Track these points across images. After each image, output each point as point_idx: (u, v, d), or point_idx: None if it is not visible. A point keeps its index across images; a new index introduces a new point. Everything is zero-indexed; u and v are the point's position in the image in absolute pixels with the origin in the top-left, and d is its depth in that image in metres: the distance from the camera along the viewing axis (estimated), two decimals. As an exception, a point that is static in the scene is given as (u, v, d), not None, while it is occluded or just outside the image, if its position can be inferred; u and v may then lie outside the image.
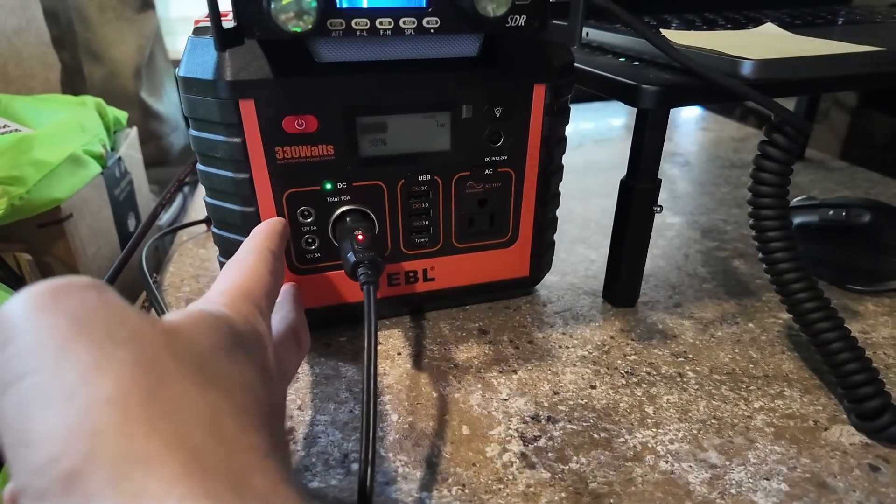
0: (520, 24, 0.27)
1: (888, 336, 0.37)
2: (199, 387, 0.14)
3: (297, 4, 0.23)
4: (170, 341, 0.15)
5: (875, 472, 0.27)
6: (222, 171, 0.31)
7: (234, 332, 0.18)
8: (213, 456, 0.13)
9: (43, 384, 0.13)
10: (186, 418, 0.13)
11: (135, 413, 0.13)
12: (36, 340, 0.14)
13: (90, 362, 0.13)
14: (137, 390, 0.13)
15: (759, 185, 0.31)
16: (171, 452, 0.12)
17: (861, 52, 0.31)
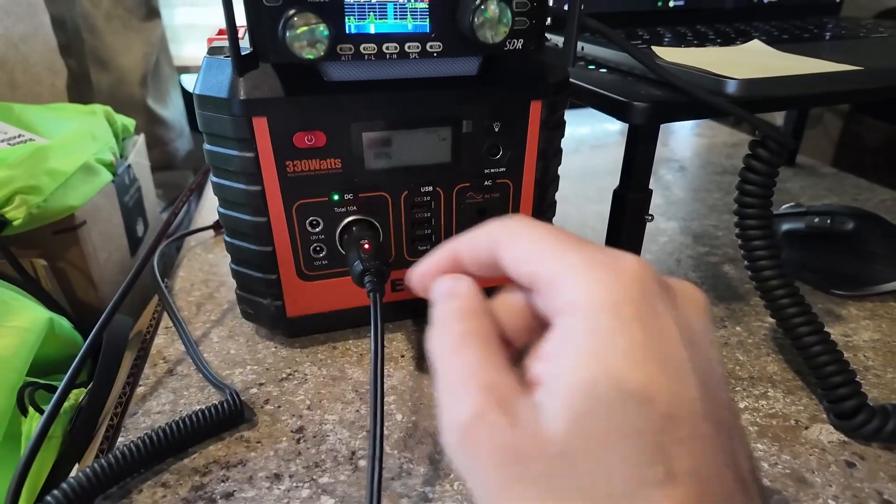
0: (517, 48, 0.29)
1: (869, 339, 0.39)
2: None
3: (311, 34, 0.25)
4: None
5: (851, 468, 0.29)
6: (235, 184, 0.32)
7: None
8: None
9: None
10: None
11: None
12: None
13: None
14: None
15: (744, 195, 0.33)
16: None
17: (840, 72, 0.33)
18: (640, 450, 0.13)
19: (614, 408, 0.14)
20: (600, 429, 0.14)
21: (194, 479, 0.28)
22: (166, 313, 0.41)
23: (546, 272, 0.16)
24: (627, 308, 0.15)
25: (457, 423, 0.15)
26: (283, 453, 0.30)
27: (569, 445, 0.14)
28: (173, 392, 0.34)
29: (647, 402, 0.14)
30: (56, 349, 0.39)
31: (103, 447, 0.31)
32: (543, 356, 0.16)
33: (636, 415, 0.14)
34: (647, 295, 0.15)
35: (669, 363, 0.14)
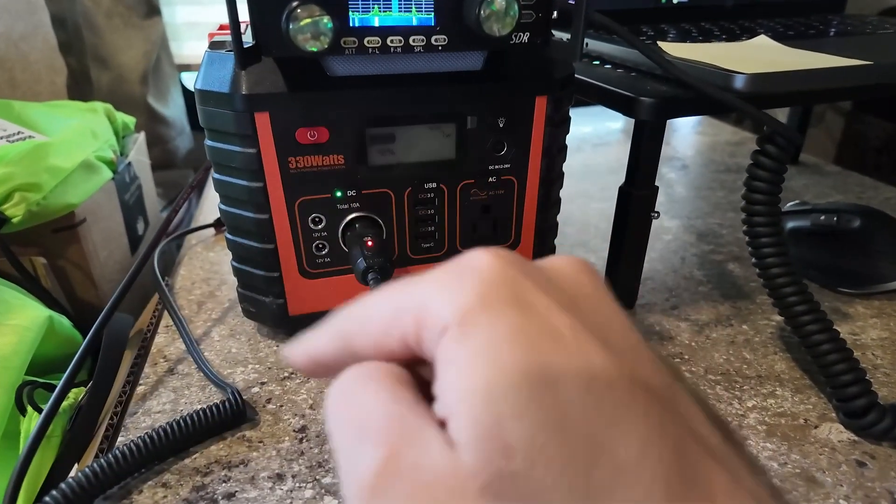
0: (523, 42, 0.28)
1: (877, 337, 0.38)
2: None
3: (314, 26, 0.24)
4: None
5: (861, 468, 0.28)
6: (237, 180, 0.32)
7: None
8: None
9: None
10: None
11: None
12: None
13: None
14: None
15: (751, 192, 0.33)
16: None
17: (849, 66, 0.33)
18: (571, 449, 0.11)
19: (523, 407, 0.11)
20: (518, 438, 0.11)
21: (195, 480, 0.28)
22: (167, 312, 0.40)
23: (409, 321, 0.13)
24: (492, 296, 0.13)
25: (363, 475, 0.12)
26: (286, 453, 0.29)
27: (491, 472, 0.11)
28: (174, 391, 0.33)
29: (555, 385, 0.11)
30: (55, 348, 0.39)
31: (103, 446, 0.30)
32: (437, 394, 0.13)
33: (550, 406, 0.11)
34: (507, 277, 0.13)
35: (559, 335, 0.12)
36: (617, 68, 0.40)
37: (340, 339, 0.15)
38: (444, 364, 0.12)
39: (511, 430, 0.11)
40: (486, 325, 0.12)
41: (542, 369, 0.11)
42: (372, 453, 0.12)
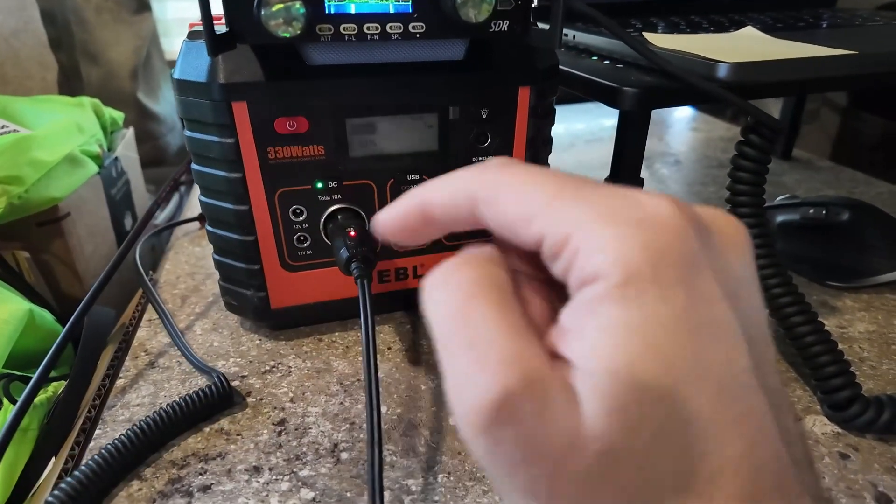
0: (503, 29, 0.28)
1: (864, 331, 0.38)
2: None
3: (287, 11, 0.24)
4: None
5: (844, 460, 0.28)
6: (216, 171, 0.32)
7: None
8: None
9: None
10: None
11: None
12: None
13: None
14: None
15: (736, 183, 0.32)
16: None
17: (833, 56, 0.33)
18: (690, 441, 0.12)
19: (664, 394, 0.12)
20: (649, 424, 0.12)
21: (171, 472, 0.27)
22: (150, 306, 0.40)
23: (557, 235, 0.13)
24: (669, 270, 0.12)
25: (477, 408, 0.12)
26: (264, 446, 0.29)
27: (612, 443, 0.12)
28: (154, 384, 0.33)
29: (699, 381, 0.12)
30: (36, 341, 0.38)
31: (79, 439, 0.30)
32: (565, 327, 0.13)
33: (688, 398, 0.12)
34: (689, 248, 0.12)
35: (719, 331, 0.12)
36: (604, 60, 0.40)
37: (469, 200, 0.15)
38: (591, 312, 0.12)
39: (647, 415, 0.11)
40: (653, 303, 0.12)
41: (690, 364, 0.12)
42: (489, 386, 0.12)
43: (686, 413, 0.12)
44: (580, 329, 0.12)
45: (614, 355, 0.12)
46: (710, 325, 0.12)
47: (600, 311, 0.12)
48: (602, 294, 0.12)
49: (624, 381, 0.11)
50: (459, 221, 0.15)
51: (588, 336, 0.12)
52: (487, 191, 0.14)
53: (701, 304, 0.12)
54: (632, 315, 0.12)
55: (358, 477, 0.27)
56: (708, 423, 0.12)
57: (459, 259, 0.14)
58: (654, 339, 0.12)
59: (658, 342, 0.12)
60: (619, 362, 0.12)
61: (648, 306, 0.12)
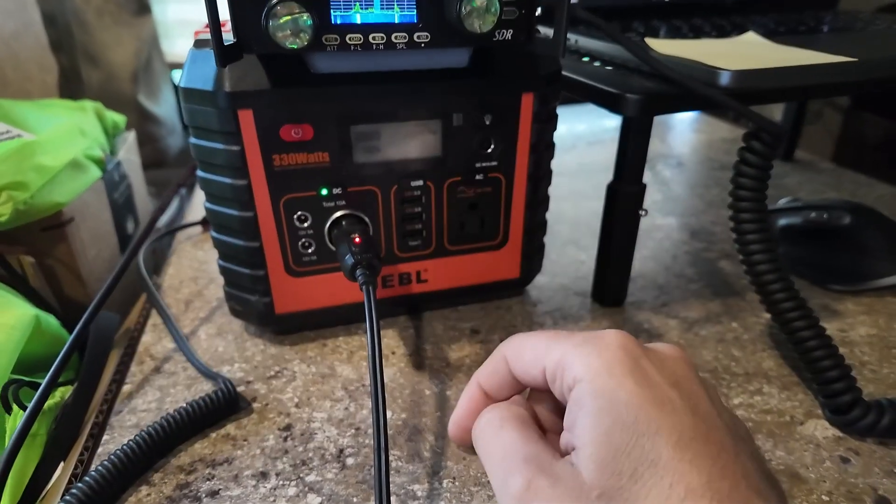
0: (507, 38, 0.28)
1: (865, 334, 0.38)
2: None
3: (294, 23, 0.24)
4: None
5: (845, 464, 0.28)
6: (221, 178, 0.32)
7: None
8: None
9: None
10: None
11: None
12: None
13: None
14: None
15: (738, 189, 0.33)
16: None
17: (834, 63, 0.33)
18: (661, 474, 0.17)
19: (632, 447, 0.17)
20: (627, 466, 0.17)
21: (179, 478, 0.28)
22: (155, 310, 0.40)
23: (552, 363, 0.21)
24: (618, 368, 0.19)
25: (512, 495, 0.19)
26: (270, 451, 0.29)
27: (605, 486, 0.17)
28: (160, 390, 0.33)
29: (655, 435, 0.17)
30: (43, 346, 0.39)
31: (88, 445, 0.30)
32: (566, 427, 0.20)
33: (651, 448, 0.17)
34: (631, 355, 0.19)
35: (664, 402, 0.18)
36: (605, 65, 0.40)
37: (504, 363, 0.23)
38: (577, 407, 0.19)
39: (622, 462, 0.17)
40: (611, 391, 0.18)
41: (646, 425, 0.18)
42: (519, 481, 0.19)
43: (651, 457, 0.17)
44: (574, 421, 0.19)
45: (594, 431, 0.18)
46: (657, 399, 0.18)
47: (582, 404, 0.19)
48: (580, 392, 0.19)
49: (603, 445, 0.18)
50: (505, 385, 0.24)
51: (578, 424, 0.19)
52: (513, 351, 0.23)
53: (647, 387, 0.18)
54: (600, 402, 0.18)
55: (364, 482, 0.27)
56: (668, 463, 0.17)
57: (494, 408, 0.23)
58: (617, 414, 0.18)
59: (621, 415, 0.18)
60: (598, 434, 0.18)
61: (609, 393, 0.18)
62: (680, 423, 0.18)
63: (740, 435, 0.19)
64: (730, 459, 0.17)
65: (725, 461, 0.17)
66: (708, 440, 0.18)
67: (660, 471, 0.17)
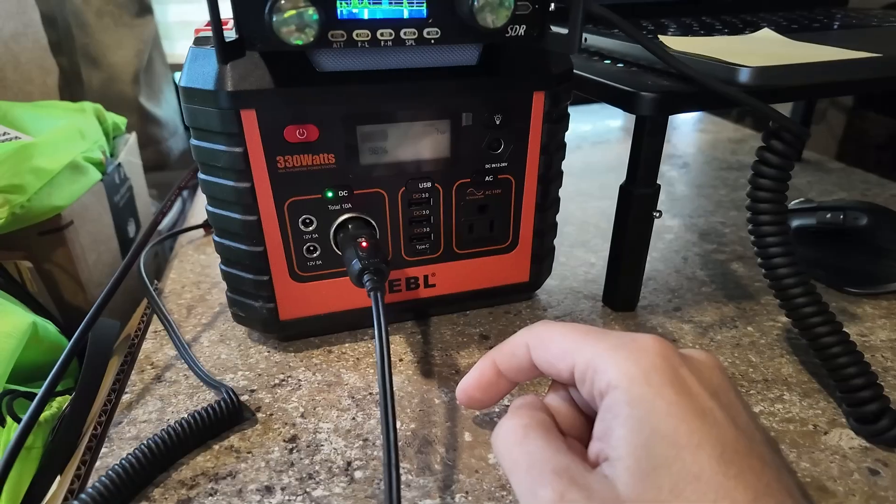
0: (519, 34, 0.27)
1: (886, 339, 0.37)
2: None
3: (299, 18, 0.23)
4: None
5: (874, 476, 0.27)
6: (224, 181, 0.31)
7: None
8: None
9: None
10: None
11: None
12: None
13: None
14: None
15: (757, 190, 0.32)
16: None
17: (857, 59, 0.32)
18: (703, 490, 0.16)
19: (673, 460, 0.16)
20: (667, 480, 0.16)
21: (181, 493, 0.27)
22: (156, 317, 0.39)
23: (582, 363, 0.20)
24: (657, 376, 0.18)
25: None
26: (275, 464, 0.28)
27: (644, 500, 0.16)
28: (161, 399, 0.32)
29: (698, 448, 0.16)
30: (40, 354, 0.38)
31: (86, 458, 0.29)
32: (597, 436, 0.19)
33: (693, 462, 0.16)
34: (670, 363, 0.18)
35: (705, 414, 0.17)
36: (617, 63, 0.39)
37: (524, 349, 0.23)
38: (612, 415, 0.18)
39: (662, 476, 0.16)
40: (651, 400, 0.17)
41: (687, 437, 0.17)
42: (549, 493, 0.18)
43: (694, 472, 0.16)
44: (608, 430, 0.18)
45: (632, 442, 0.17)
46: (698, 410, 0.17)
47: (617, 412, 0.18)
48: (615, 400, 0.18)
49: (642, 458, 0.17)
50: (521, 370, 0.23)
51: (614, 434, 0.18)
52: (537, 340, 0.22)
53: (687, 397, 0.18)
54: (638, 412, 0.17)
55: (373, 497, 0.26)
56: (712, 478, 0.16)
57: (514, 411, 0.22)
58: (657, 424, 0.17)
59: (660, 426, 0.17)
60: (636, 446, 0.17)
61: (647, 402, 0.17)
62: (723, 436, 0.17)
63: (775, 448, 0.19)
64: (773, 476, 0.17)
65: (770, 478, 0.16)
66: (751, 454, 0.17)
67: (702, 486, 0.16)
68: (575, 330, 0.21)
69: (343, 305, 0.36)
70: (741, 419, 0.18)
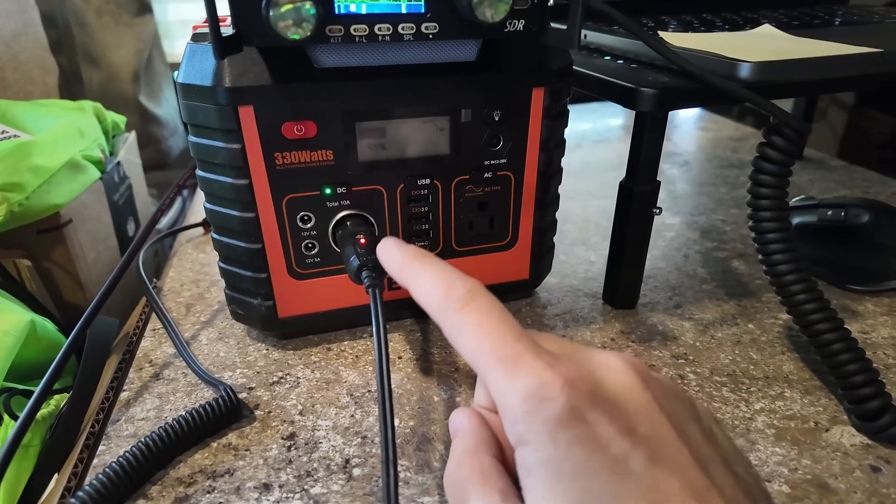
0: (518, 29, 0.27)
1: (888, 336, 0.37)
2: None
3: (296, 12, 0.23)
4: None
5: (876, 473, 0.27)
6: (222, 177, 0.31)
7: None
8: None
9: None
10: None
11: None
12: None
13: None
14: None
15: (758, 186, 0.31)
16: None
17: (859, 54, 0.32)
18: None
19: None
20: None
21: (178, 490, 0.26)
22: (154, 314, 0.39)
23: (493, 396, 0.18)
24: (562, 433, 0.16)
25: None
26: (273, 462, 0.28)
27: None
28: (159, 397, 0.32)
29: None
30: (38, 352, 0.38)
31: (83, 456, 0.29)
32: (521, 484, 0.18)
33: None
34: (576, 412, 0.17)
35: (616, 466, 0.16)
36: (617, 59, 0.39)
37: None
38: (525, 473, 0.17)
39: None
40: (558, 460, 0.16)
41: (597, 499, 0.16)
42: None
43: None
44: (524, 486, 0.17)
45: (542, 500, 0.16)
46: (607, 465, 0.16)
47: (528, 471, 0.17)
48: (525, 459, 0.17)
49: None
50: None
51: (528, 494, 0.17)
52: (450, 327, 0.20)
53: (595, 453, 0.16)
54: (546, 475, 0.16)
55: (371, 494, 0.26)
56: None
57: (458, 464, 0.20)
58: (565, 490, 0.16)
59: (568, 492, 0.16)
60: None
61: (555, 465, 0.16)
62: (636, 491, 0.15)
63: (743, 464, 0.18)
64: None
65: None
66: (684, 491, 0.15)
67: None
68: (491, 350, 0.19)
69: (342, 303, 0.35)
70: (667, 450, 0.16)
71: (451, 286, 0.21)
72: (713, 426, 0.19)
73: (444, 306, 0.21)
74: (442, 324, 0.21)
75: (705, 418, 0.19)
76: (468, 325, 0.20)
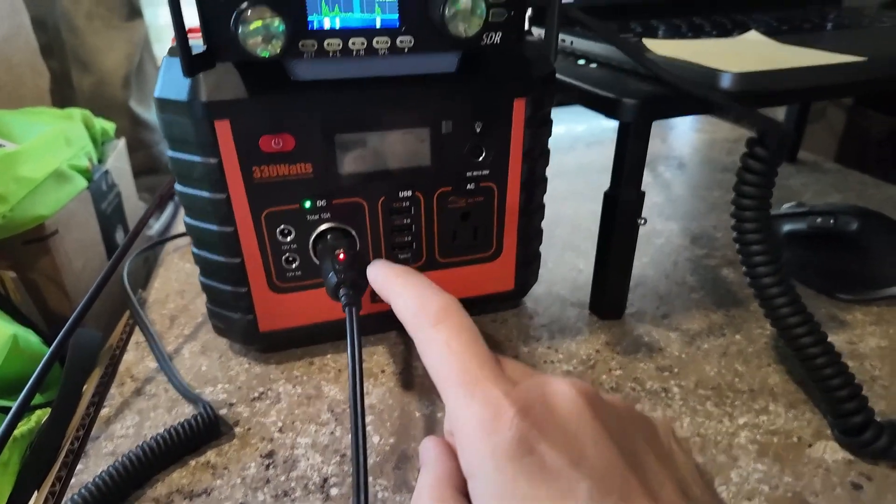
0: (496, 42, 0.27)
1: (875, 346, 0.37)
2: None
3: (266, 29, 0.23)
4: None
5: (857, 491, 0.27)
6: (199, 192, 0.30)
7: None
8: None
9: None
10: None
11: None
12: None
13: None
14: None
15: (741, 197, 0.31)
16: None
17: (842, 63, 0.31)
18: None
19: None
20: None
21: (154, 510, 0.26)
22: (138, 327, 0.39)
23: (450, 425, 0.19)
24: (510, 465, 0.16)
25: None
26: (251, 481, 0.28)
27: None
28: (139, 413, 0.32)
29: None
30: (22, 365, 0.37)
31: (61, 475, 0.29)
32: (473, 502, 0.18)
33: None
34: (525, 443, 0.16)
35: (565, 497, 0.16)
36: (601, 67, 0.38)
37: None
38: (475, 495, 0.17)
39: None
40: (507, 495, 0.16)
41: None
42: None
43: None
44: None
45: None
46: (557, 495, 0.16)
47: (477, 498, 0.17)
48: (476, 490, 0.17)
49: None
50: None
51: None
52: (420, 343, 0.21)
53: (545, 483, 0.16)
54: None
55: (348, 513, 0.26)
56: None
57: (426, 486, 0.20)
58: None
59: None
60: None
61: (504, 499, 0.16)
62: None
63: (688, 491, 0.18)
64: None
65: None
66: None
67: None
68: (453, 373, 0.19)
69: (324, 317, 0.35)
70: (615, 475, 0.16)
71: (425, 301, 0.21)
72: (673, 446, 0.19)
73: (417, 321, 0.21)
74: (414, 339, 0.21)
75: (664, 438, 0.19)
76: (437, 342, 0.20)
